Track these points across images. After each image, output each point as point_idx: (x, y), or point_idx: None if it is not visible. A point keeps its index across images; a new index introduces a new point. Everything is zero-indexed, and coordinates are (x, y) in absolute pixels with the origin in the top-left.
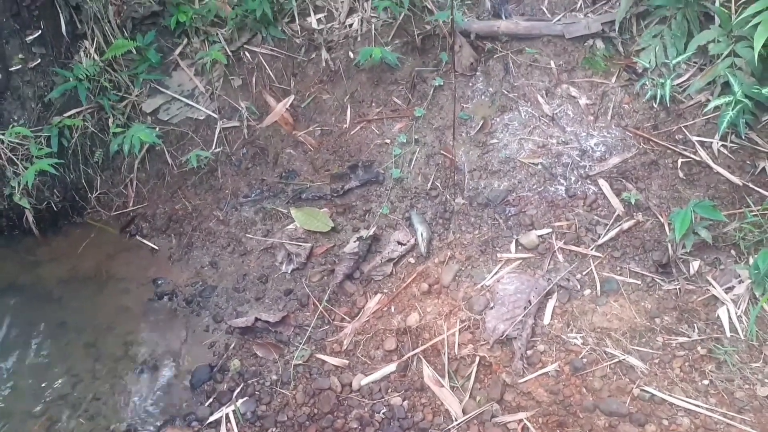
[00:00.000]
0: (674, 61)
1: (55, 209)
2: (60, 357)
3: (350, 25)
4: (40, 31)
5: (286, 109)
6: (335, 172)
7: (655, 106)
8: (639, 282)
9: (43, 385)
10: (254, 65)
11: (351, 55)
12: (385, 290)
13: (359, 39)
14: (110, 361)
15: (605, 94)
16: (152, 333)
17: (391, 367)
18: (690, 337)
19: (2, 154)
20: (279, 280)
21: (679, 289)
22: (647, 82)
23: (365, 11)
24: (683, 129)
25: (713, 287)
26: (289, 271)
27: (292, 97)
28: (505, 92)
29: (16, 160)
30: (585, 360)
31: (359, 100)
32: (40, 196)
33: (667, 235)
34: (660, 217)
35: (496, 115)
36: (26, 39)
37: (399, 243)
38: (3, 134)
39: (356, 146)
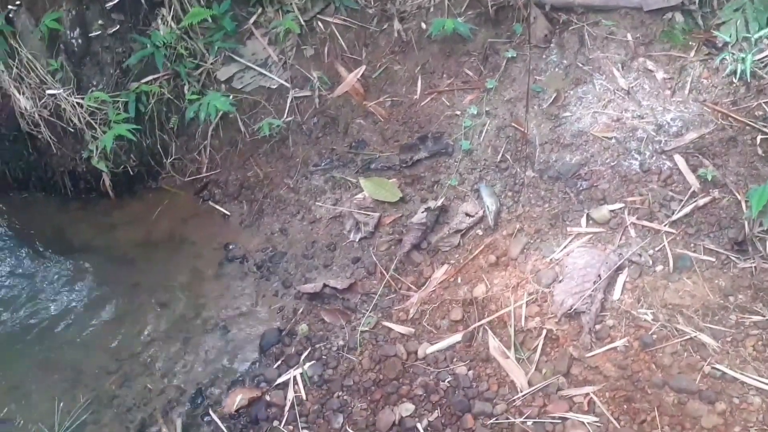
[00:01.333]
0: (756, 36)
1: (131, 173)
2: (133, 317)
3: None
4: None
5: (357, 79)
6: (404, 142)
7: (735, 81)
8: (713, 259)
9: (116, 343)
10: (327, 35)
11: (423, 26)
12: (452, 261)
13: (432, 10)
14: (182, 322)
15: (683, 69)
16: (223, 296)
17: (457, 337)
18: (764, 316)
19: (81, 118)
20: (347, 248)
21: (755, 267)
22: (727, 57)
23: None
24: (763, 105)
25: None
26: (357, 240)
27: (364, 67)
28: (580, 65)
29: (94, 124)
30: (655, 336)
31: (430, 71)
32: (117, 160)
33: (744, 213)
34: (737, 194)
35: (570, 87)
36: (106, 5)
37: (467, 215)
38: (82, 99)
39: (426, 117)
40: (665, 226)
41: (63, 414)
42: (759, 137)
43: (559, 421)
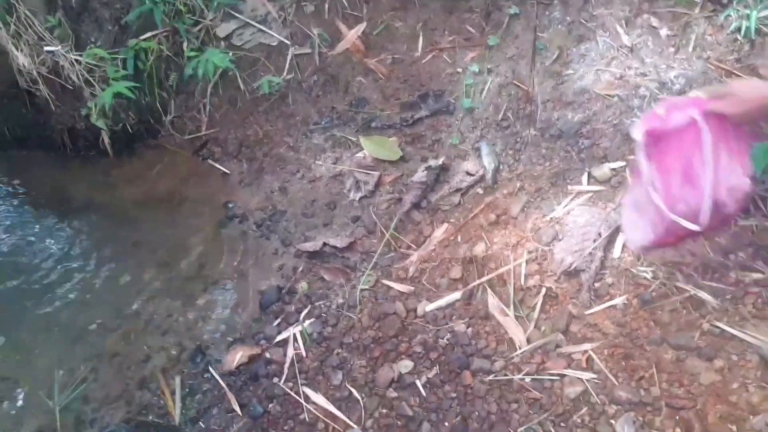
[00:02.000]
0: None
1: (131, 131)
2: (134, 275)
3: None
4: None
5: (358, 36)
6: (405, 101)
7: (740, 38)
8: None
9: (117, 301)
10: None
11: None
12: (452, 220)
13: None
14: (182, 280)
15: (687, 25)
16: (223, 254)
17: (456, 295)
18: (764, 274)
19: (79, 75)
20: (347, 207)
21: (756, 225)
22: (732, 14)
23: None
24: None
25: None
26: (357, 199)
27: (364, 24)
28: (583, 21)
29: (93, 81)
30: (654, 294)
31: (432, 28)
32: (116, 118)
33: None
34: None
35: (573, 45)
36: None
37: (467, 173)
38: (80, 55)
39: (427, 75)
40: None
41: (64, 372)
42: None
43: (558, 378)
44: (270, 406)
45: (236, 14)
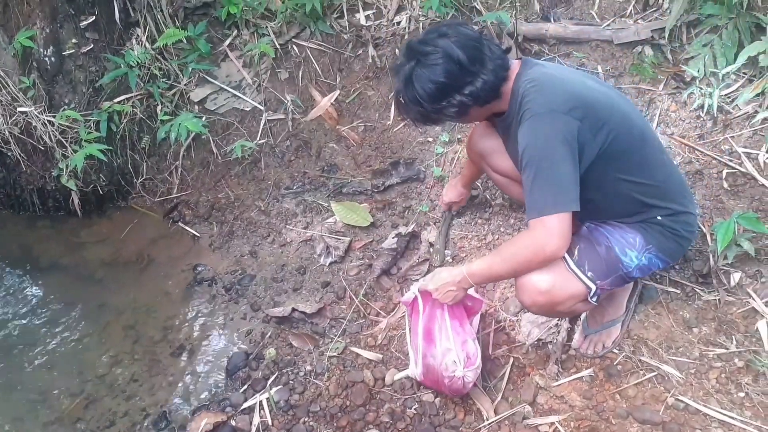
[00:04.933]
0: (723, 71)
1: (101, 192)
2: (99, 338)
3: (398, 23)
4: (93, 17)
5: (331, 103)
6: (377, 168)
7: (702, 115)
8: (678, 291)
9: (81, 364)
10: (301, 59)
11: (397, 52)
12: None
13: (407, 37)
14: (148, 343)
15: (652, 101)
16: (191, 318)
17: None
18: (728, 349)
19: (52, 136)
20: (317, 272)
21: (719, 300)
22: (695, 91)
23: (413, 9)
24: (730, 140)
25: (753, 300)
26: (327, 264)
27: (338, 92)
28: None
29: (65, 142)
30: (620, 367)
31: None
32: (86, 179)
33: (709, 246)
34: (702, 227)
35: None
36: (80, 24)
37: (431, 244)
38: (54, 117)
39: (398, 143)
40: None
41: None
42: (725, 171)
43: None
44: None
45: (211, 79)
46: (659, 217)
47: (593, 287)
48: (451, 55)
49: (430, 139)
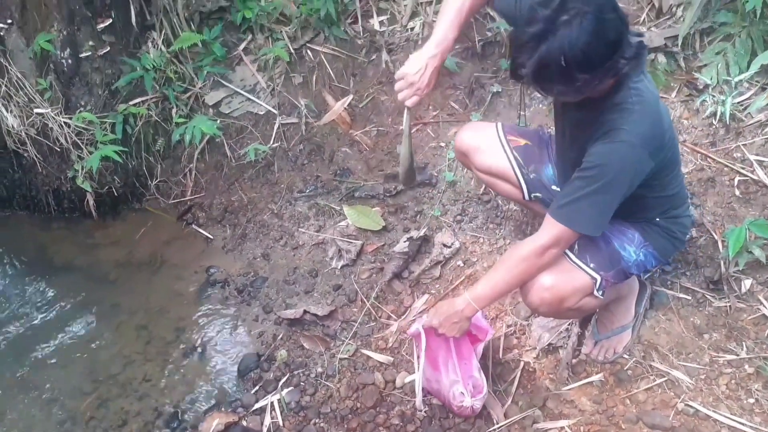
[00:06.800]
0: (736, 79)
1: (116, 194)
2: (112, 338)
3: (412, 29)
4: (110, 20)
5: (344, 108)
6: (389, 172)
7: (715, 123)
8: (689, 297)
9: (94, 364)
10: (315, 64)
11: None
12: (432, 291)
13: (420, 42)
14: (161, 344)
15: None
16: (203, 319)
17: None
18: (738, 355)
19: (68, 138)
20: (329, 275)
21: (729, 306)
22: (708, 99)
23: (427, 15)
24: (742, 147)
25: (764, 306)
26: (339, 267)
27: (351, 96)
28: None
29: (81, 144)
30: (630, 372)
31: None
32: (101, 181)
33: (720, 252)
34: (714, 233)
35: (553, 123)
36: (97, 27)
37: (444, 245)
38: (70, 119)
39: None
40: None
41: None
42: (736, 178)
43: None
44: None
45: (225, 83)
46: (658, 219)
47: (598, 278)
48: (618, 9)
49: (443, 144)
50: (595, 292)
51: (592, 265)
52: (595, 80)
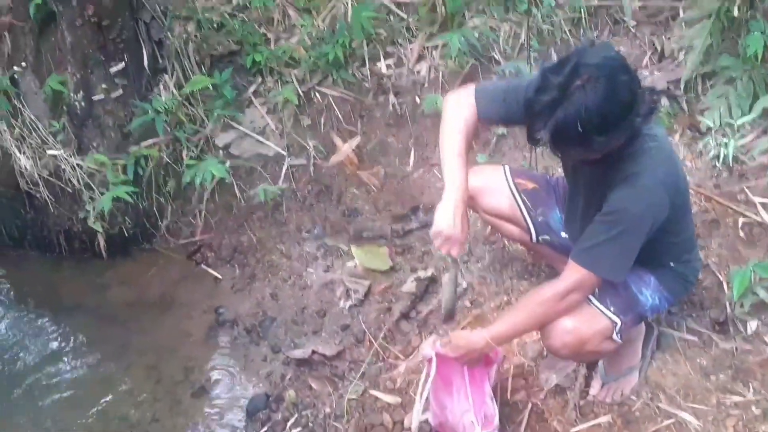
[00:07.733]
0: (739, 122)
1: (126, 235)
2: (122, 377)
3: (419, 72)
4: (123, 64)
5: (352, 149)
6: (397, 213)
7: (718, 165)
8: (695, 339)
9: (104, 404)
10: (324, 106)
11: (417, 100)
12: (440, 331)
13: (426, 85)
14: (170, 384)
15: None
16: (212, 359)
17: None
18: (744, 397)
19: (80, 179)
20: (337, 315)
21: (736, 348)
22: (711, 142)
23: (434, 59)
24: (746, 190)
25: None
26: (347, 307)
27: (359, 138)
28: None
29: (93, 185)
30: (638, 414)
31: (423, 143)
32: (112, 221)
33: (726, 294)
34: (719, 275)
35: (558, 165)
36: (110, 70)
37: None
38: (82, 160)
39: (418, 189)
40: None
41: None
42: (740, 220)
43: None
44: None
45: (236, 125)
46: (672, 264)
47: (618, 322)
48: (629, 70)
49: None
50: (614, 336)
51: (612, 309)
52: (612, 140)
